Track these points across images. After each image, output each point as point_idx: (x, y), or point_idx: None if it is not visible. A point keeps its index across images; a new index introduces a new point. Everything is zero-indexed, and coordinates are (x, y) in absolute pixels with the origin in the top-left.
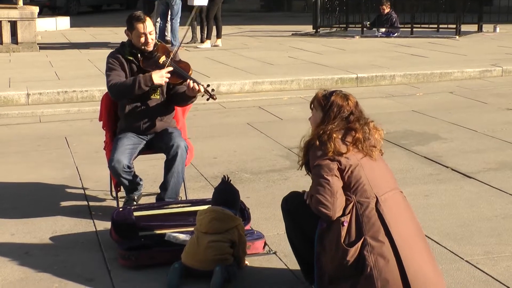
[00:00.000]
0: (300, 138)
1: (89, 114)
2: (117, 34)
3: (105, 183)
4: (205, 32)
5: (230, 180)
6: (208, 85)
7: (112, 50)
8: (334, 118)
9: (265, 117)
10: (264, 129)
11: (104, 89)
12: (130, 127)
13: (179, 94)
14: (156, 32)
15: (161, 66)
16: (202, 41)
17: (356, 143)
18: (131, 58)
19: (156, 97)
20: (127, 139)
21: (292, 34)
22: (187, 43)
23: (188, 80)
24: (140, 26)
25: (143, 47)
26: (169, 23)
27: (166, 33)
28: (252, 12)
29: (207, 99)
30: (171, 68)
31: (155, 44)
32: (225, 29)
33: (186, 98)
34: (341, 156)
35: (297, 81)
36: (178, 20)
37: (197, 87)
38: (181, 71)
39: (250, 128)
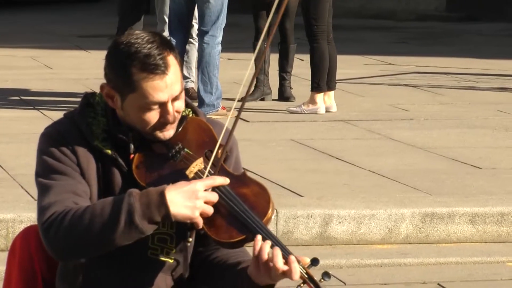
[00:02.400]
0: None
1: None
2: (53, 72)
3: None
4: (290, 68)
5: None
6: (315, 262)
7: (54, 122)
8: None
9: None
10: None
11: (15, 222)
12: None
13: (224, 267)
14: None
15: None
16: (284, 96)
17: None
18: (110, 152)
19: (168, 260)
20: None
21: None
22: (242, 100)
23: (259, 238)
24: (156, 85)
25: (157, 134)
26: (194, 43)
27: (186, 71)
28: (424, 19)
29: None
30: (214, 197)
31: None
32: (347, 64)
33: (244, 283)
34: None
35: None
36: (220, 37)
37: (281, 266)
38: (239, 208)
39: None
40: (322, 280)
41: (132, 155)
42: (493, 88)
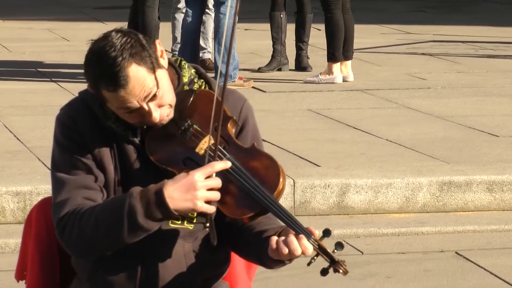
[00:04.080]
0: None
1: None
2: (70, 44)
3: None
4: (307, 38)
5: None
6: (327, 233)
7: (68, 103)
8: None
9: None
10: None
11: (30, 200)
12: None
13: (252, 234)
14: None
15: (199, 160)
16: (301, 66)
17: None
18: (123, 132)
19: (188, 227)
20: None
21: None
22: (261, 69)
23: (271, 213)
24: (121, 98)
25: (152, 125)
26: (210, 14)
27: (203, 42)
28: None
29: (325, 272)
30: (216, 183)
31: (187, 92)
32: (364, 33)
33: (262, 257)
34: None
35: None
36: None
37: (298, 253)
38: (249, 185)
39: None
40: (335, 250)
41: (141, 133)
42: (510, 56)
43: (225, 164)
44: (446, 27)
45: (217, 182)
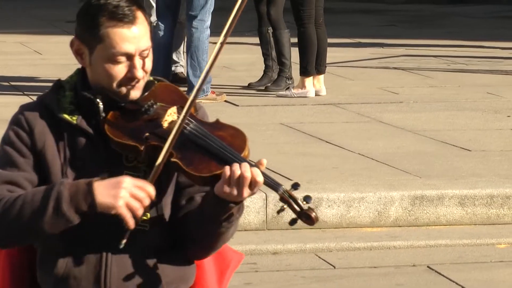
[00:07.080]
0: None
1: None
2: (42, 57)
3: None
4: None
5: None
6: (296, 185)
7: (25, 104)
8: None
9: None
10: None
11: None
12: None
13: (196, 212)
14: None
15: (163, 133)
16: (274, 80)
17: None
18: (75, 121)
19: (143, 228)
20: None
21: None
22: (251, 85)
23: (233, 163)
24: (123, 34)
25: (123, 91)
26: (184, 27)
27: (175, 55)
28: (413, 2)
29: (292, 222)
30: (141, 194)
31: (149, 82)
32: (336, 47)
33: (207, 207)
34: None
35: None
36: (209, 22)
37: (249, 175)
38: (216, 144)
39: None
40: (304, 202)
41: (103, 114)
42: (482, 70)
43: (153, 192)
44: (418, 41)
45: (142, 195)
